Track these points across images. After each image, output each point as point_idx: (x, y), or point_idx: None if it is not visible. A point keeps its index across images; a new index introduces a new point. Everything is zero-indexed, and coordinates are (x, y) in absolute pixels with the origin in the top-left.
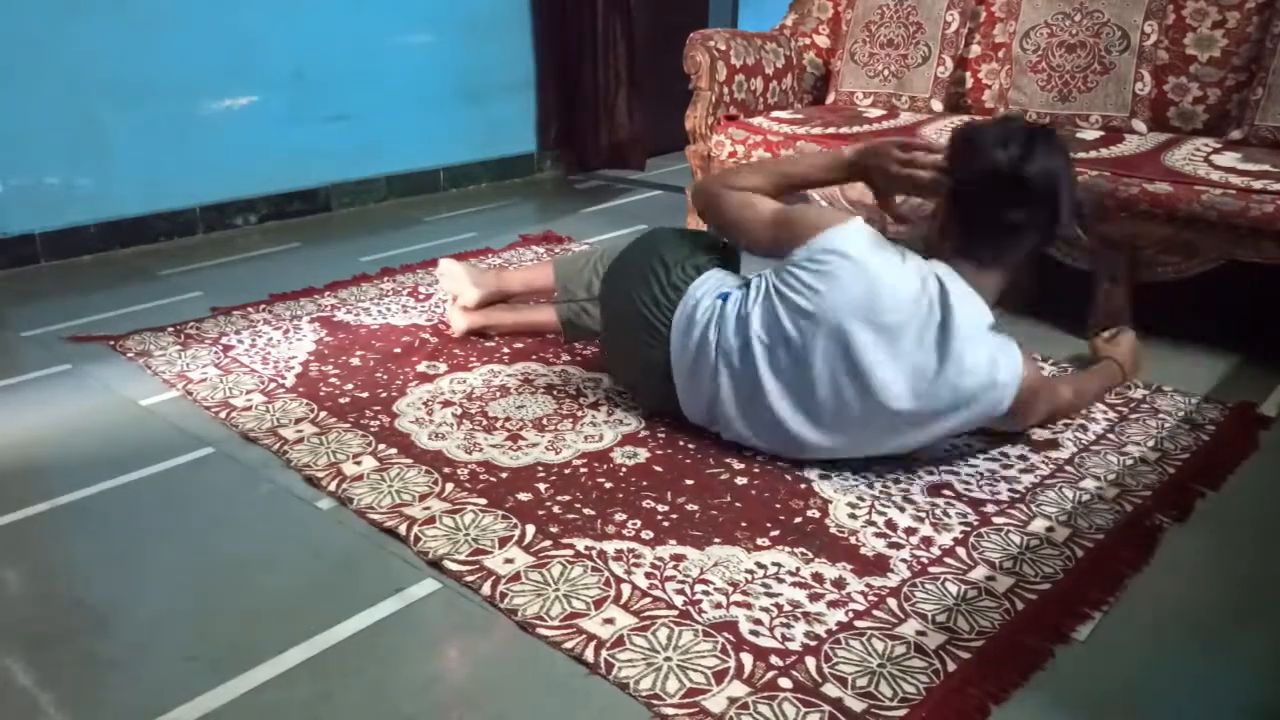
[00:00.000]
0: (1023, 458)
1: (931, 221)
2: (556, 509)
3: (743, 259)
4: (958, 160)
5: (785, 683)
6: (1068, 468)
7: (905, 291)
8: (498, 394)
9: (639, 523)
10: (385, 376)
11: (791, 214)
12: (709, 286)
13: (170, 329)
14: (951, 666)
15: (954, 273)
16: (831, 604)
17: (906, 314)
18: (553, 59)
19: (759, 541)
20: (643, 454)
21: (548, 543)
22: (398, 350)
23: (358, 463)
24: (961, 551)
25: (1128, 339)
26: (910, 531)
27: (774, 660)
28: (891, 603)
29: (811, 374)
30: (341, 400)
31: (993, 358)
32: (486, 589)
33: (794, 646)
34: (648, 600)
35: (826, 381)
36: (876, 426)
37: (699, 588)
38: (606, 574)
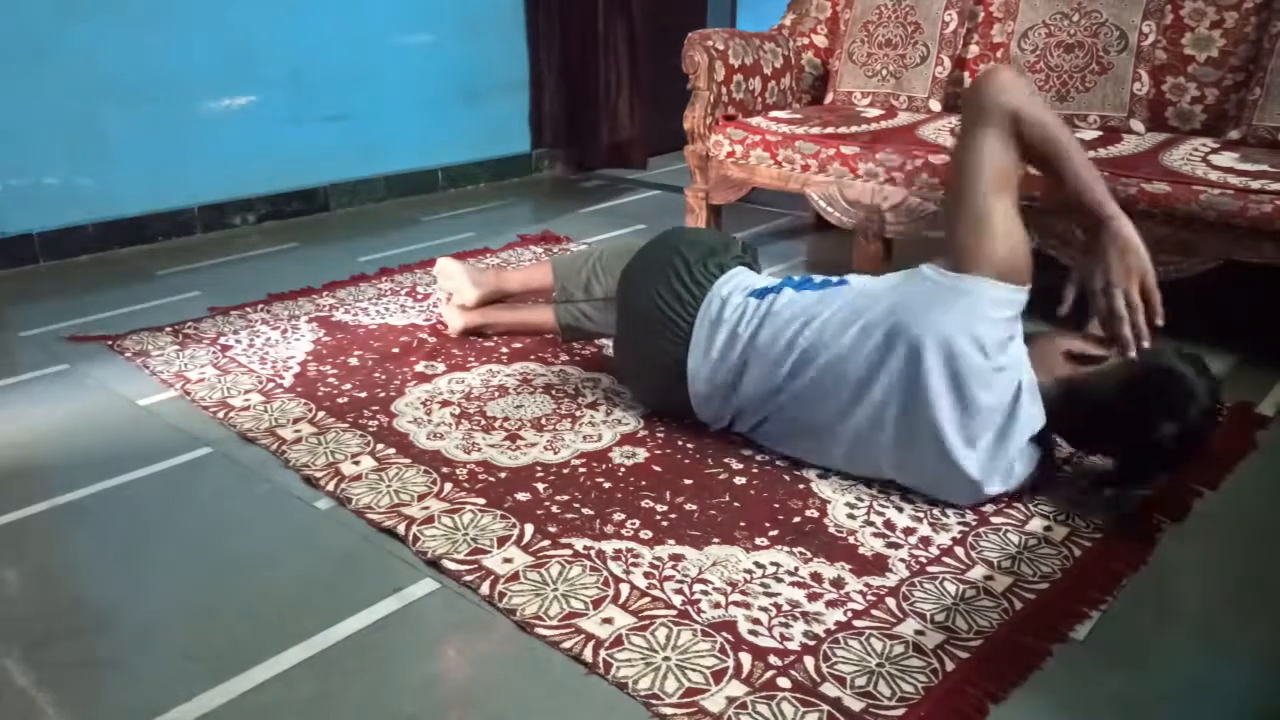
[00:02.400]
0: None
1: (1078, 349)
2: (555, 509)
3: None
4: (1153, 394)
5: (784, 682)
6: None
7: (1001, 387)
8: (496, 394)
9: (638, 522)
10: (383, 376)
11: (1024, 252)
12: (735, 284)
13: (168, 329)
14: (950, 666)
15: (1035, 383)
16: (830, 604)
17: (992, 401)
18: (553, 59)
19: (758, 541)
20: (641, 454)
21: (546, 542)
22: (396, 350)
23: (356, 462)
24: (960, 551)
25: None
26: (909, 531)
27: (773, 660)
28: (890, 602)
29: (871, 390)
30: (340, 400)
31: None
32: (485, 589)
33: (793, 646)
34: (646, 600)
35: (876, 407)
36: (898, 444)
37: (698, 587)
38: (605, 574)
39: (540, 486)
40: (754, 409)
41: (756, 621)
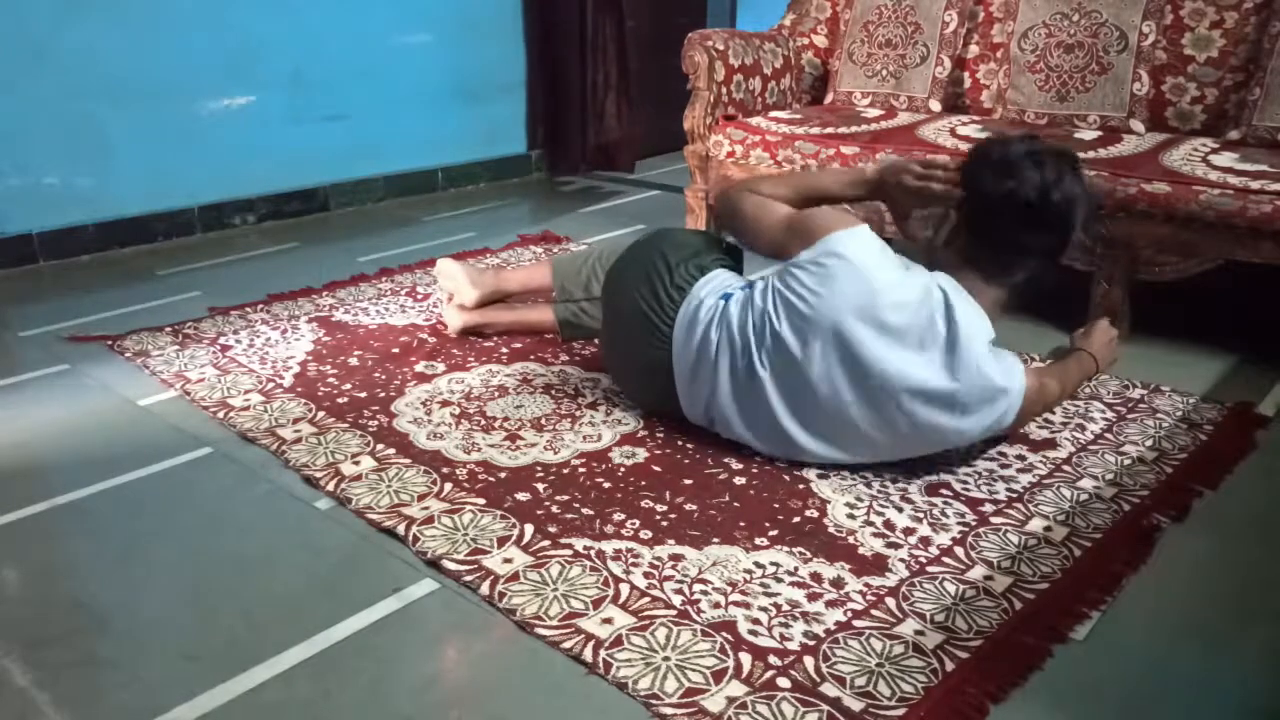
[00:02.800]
0: (1020, 457)
1: (936, 230)
2: (555, 509)
3: (745, 260)
4: (979, 175)
5: (784, 682)
6: (1065, 467)
7: (906, 296)
8: (496, 394)
9: (637, 522)
10: (383, 376)
11: (803, 216)
12: (712, 287)
13: (168, 329)
14: (950, 666)
15: (958, 286)
16: (830, 604)
17: (908, 318)
18: (542, 60)
19: (757, 541)
20: (641, 454)
21: (546, 542)
22: (396, 350)
23: (356, 463)
24: (960, 551)
25: (1101, 329)
26: (908, 531)
27: (772, 660)
28: (890, 602)
29: (811, 377)
30: (340, 400)
31: (1004, 368)
32: (485, 589)
33: (792, 646)
34: (646, 600)
35: (825, 384)
36: (882, 429)
37: (697, 587)
38: (605, 574)
39: (540, 486)
40: (733, 416)
41: (756, 621)
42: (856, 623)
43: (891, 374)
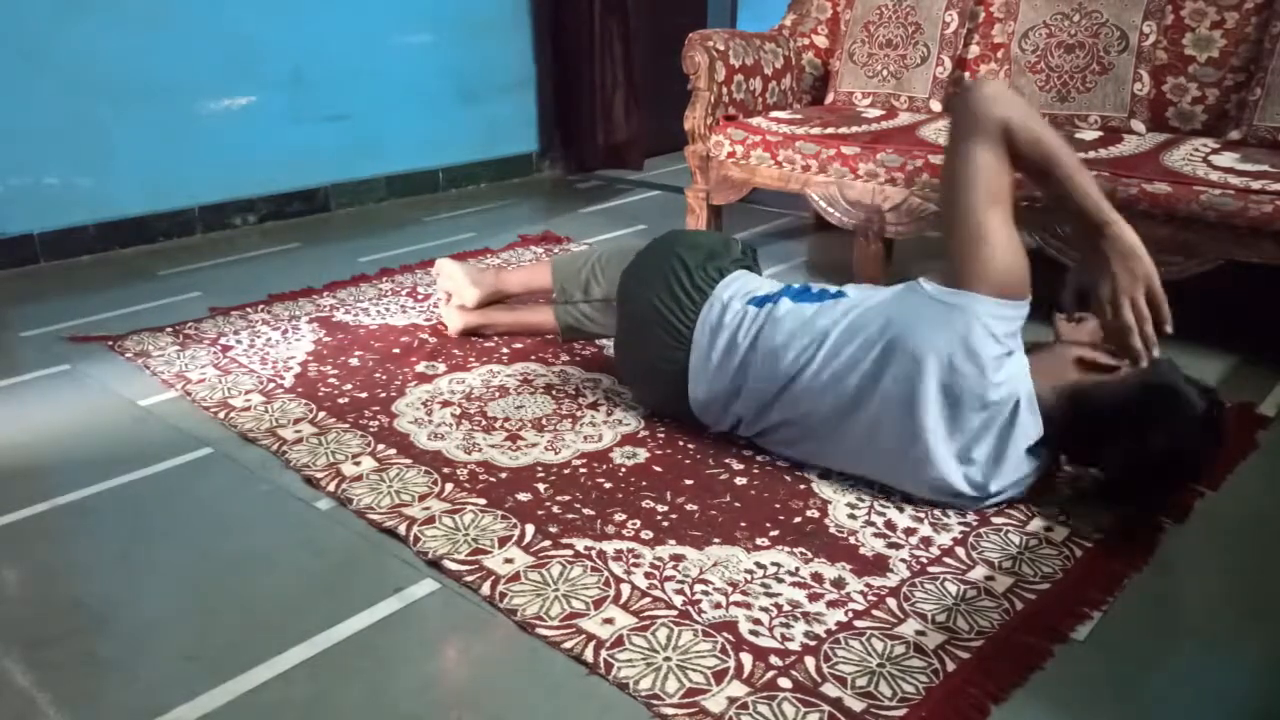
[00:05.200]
0: None
1: (1089, 357)
2: (556, 509)
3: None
4: (1153, 405)
5: (785, 682)
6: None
7: (994, 395)
8: (497, 394)
9: (638, 523)
10: (384, 377)
11: (1013, 247)
12: (734, 289)
13: (169, 329)
14: (951, 666)
15: (1035, 397)
16: (831, 604)
17: (978, 415)
18: (550, 59)
19: (758, 541)
20: (642, 454)
21: (547, 543)
22: (396, 350)
23: (357, 463)
24: (961, 551)
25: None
26: (909, 531)
27: (773, 660)
28: (891, 603)
29: (857, 417)
30: (340, 400)
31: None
32: (486, 589)
33: (793, 646)
34: (647, 600)
35: (871, 421)
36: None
37: (698, 588)
38: (606, 574)
39: (541, 487)
40: (752, 417)
41: (757, 622)
42: (858, 623)
43: (928, 441)
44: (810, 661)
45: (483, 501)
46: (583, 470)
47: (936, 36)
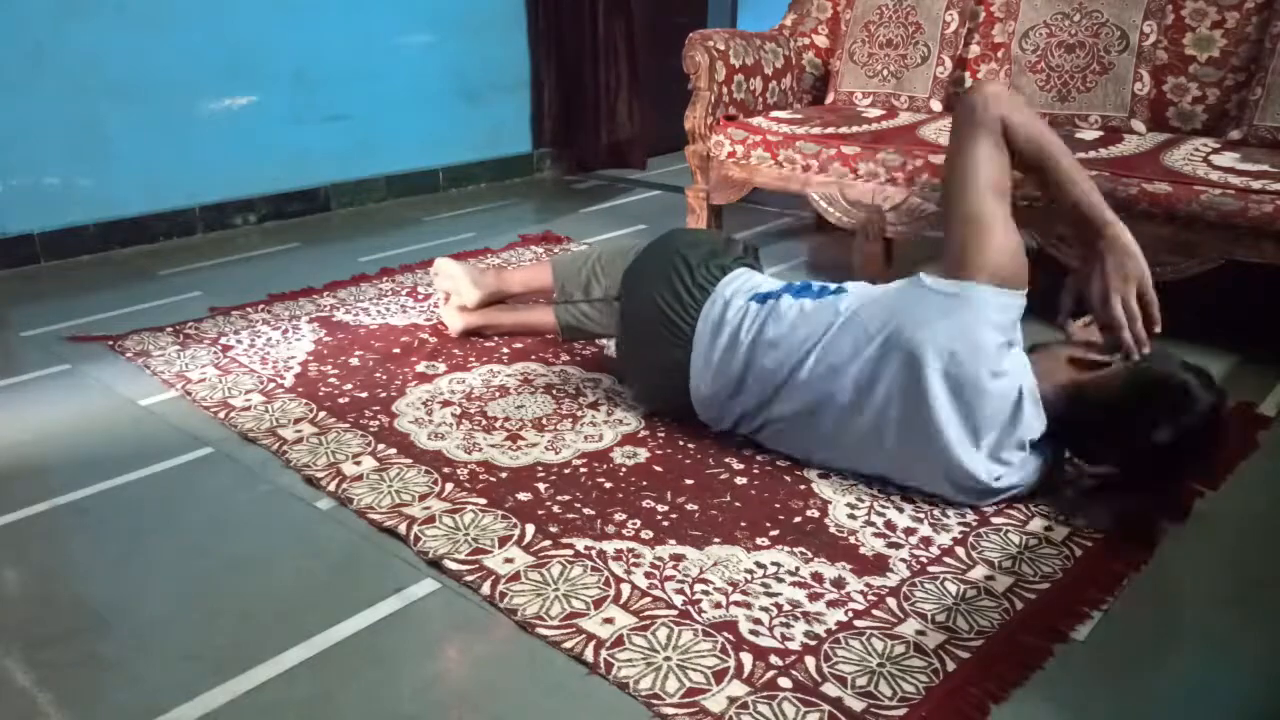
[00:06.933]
0: None
1: (1080, 355)
2: (556, 509)
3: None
4: (1154, 397)
5: (785, 682)
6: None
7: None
8: (497, 394)
9: (639, 522)
10: (384, 376)
11: (1023, 250)
12: (736, 286)
13: (169, 329)
14: (951, 666)
15: (1037, 392)
16: (831, 604)
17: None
18: (553, 59)
19: (759, 541)
20: (642, 454)
21: (547, 542)
22: (397, 350)
23: (357, 463)
24: (961, 551)
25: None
26: (909, 531)
27: (774, 660)
28: (891, 602)
29: (861, 415)
30: (340, 400)
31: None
32: (486, 589)
33: (794, 646)
34: (647, 600)
35: (877, 416)
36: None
37: (698, 587)
38: (606, 574)
39: (541, 486)
40: (754, 413)
41: (757, 621)
42: (858, 623)
43: (939, 430)
44: (810, 661)
45: (483, 501)
46: (583, 470)
47: (937, 36)
